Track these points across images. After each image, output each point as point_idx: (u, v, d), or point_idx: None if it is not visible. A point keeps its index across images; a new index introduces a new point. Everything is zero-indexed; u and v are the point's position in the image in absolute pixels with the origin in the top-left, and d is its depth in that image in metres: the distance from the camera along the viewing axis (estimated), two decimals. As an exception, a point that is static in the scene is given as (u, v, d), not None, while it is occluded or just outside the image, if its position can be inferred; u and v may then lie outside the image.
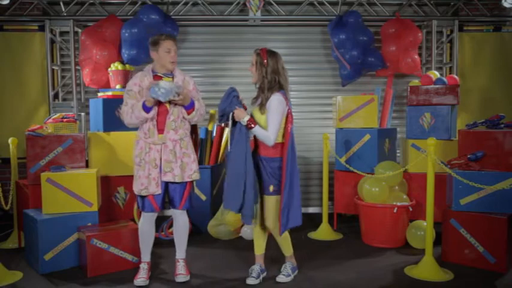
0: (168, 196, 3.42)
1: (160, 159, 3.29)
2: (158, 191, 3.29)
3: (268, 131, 3.16)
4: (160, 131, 3.31)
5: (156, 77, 3.35)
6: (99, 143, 4.52)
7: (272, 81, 3.22)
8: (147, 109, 3.24)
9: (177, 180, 3.30)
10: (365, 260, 3.95)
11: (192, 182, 3.43)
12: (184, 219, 3.48)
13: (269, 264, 3.62)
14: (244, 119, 3.17)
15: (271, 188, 3.24)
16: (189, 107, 3.33)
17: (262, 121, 3.21)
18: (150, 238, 3.48)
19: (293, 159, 3.22)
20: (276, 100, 3.18)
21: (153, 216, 3.42)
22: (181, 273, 3.45)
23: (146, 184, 3.28)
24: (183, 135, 3.36)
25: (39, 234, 3.57)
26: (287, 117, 3.25)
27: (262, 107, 3.22)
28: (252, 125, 3.17)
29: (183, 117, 3.35)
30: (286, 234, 3.41)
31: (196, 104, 3.36)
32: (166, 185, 3.36)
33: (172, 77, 3.38)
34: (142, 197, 3.34)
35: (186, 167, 3.35)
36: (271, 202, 3.26)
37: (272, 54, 3.25)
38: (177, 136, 3.32)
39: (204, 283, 3.42)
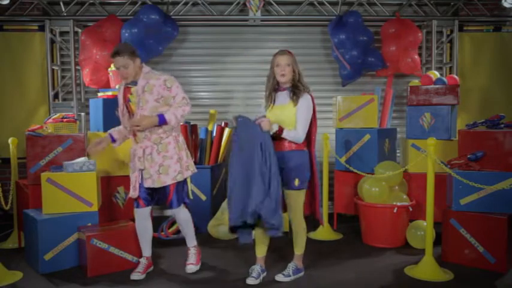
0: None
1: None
2: (135, 194, 3.39)
3: (297, 129, 3.24)
4: (136, 138, 3.41)
5: (126, 88, 3.43)
6: (99, 143, 4.51)
7: (302, 76, 3.33)
8: (113, 139, 3.52)
9: (156, 185, 3.34)
10: (365, 260, 3.94)
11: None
12: (182, 213, 3.52)
13: (270, 265, 3.62)
14: (273, 128, 3.19)
15: (296, 182, 3.26)
16: (161, 123, 3.26)
17: (293, 114, 3.26)
18: (146, 233, 3.55)
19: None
20: (309, 100, 3.28)
21: (142, 212, 3.47)
22: (191, 263, 3.50)
23: (132, 186, 3.43)
24: (157, 140, 3.33)
25: (39, 234, 3.57)
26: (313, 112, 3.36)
27: (296, 99, 3.26)
28: (279, 133, 3.21)
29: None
30: (305, 230, 3.45)
31: (167, 115, 3.25)
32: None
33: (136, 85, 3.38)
34: None
35: (168, 170, 3.33)
36: (297, 196, 3.31)
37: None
38: (150, 143, 3.33)
39: (204, 283, 3.42)
